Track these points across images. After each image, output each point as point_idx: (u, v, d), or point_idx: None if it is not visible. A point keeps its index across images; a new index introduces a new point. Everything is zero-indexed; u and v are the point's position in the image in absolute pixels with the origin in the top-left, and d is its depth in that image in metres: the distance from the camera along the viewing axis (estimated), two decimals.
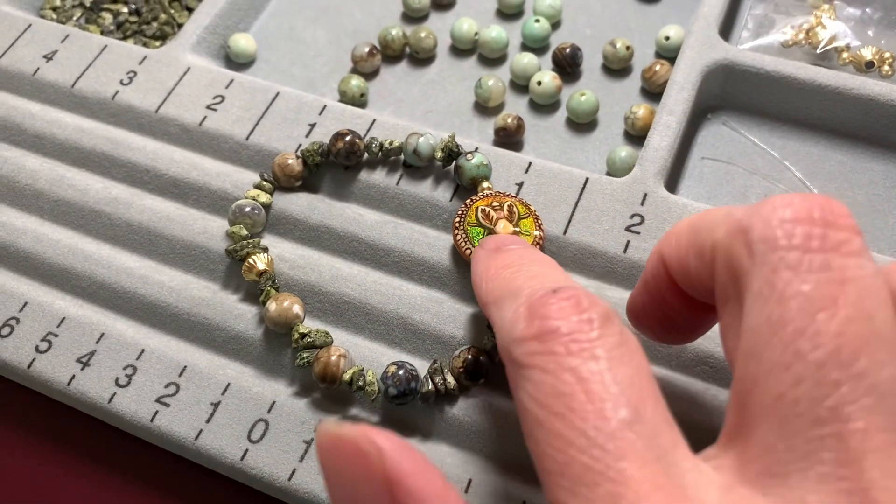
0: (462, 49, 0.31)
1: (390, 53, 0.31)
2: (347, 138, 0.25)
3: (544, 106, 0.29)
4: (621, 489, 0.13)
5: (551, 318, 0.16)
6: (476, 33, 0.31)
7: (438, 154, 0.25)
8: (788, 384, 0.13)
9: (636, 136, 0.28)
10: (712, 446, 0.15)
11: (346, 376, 0.21)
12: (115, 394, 0.23)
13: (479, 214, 0.23)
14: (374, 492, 0.14)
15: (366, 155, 0.26)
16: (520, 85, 0.30)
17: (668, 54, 0.30)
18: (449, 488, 0.14)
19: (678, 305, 0.19)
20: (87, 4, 0.33)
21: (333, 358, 0.22)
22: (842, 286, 0.14)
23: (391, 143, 0.25)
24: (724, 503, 0.13)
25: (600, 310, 0.16)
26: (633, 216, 0.24)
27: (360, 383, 0.21)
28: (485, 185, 0.24)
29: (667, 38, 0.30)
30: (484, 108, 0.29)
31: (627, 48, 0.29)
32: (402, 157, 0.26)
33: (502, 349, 0.17)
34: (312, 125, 0.27)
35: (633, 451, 0.14)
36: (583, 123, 0.29)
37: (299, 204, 0.25)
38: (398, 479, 0.13)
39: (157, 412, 0.22)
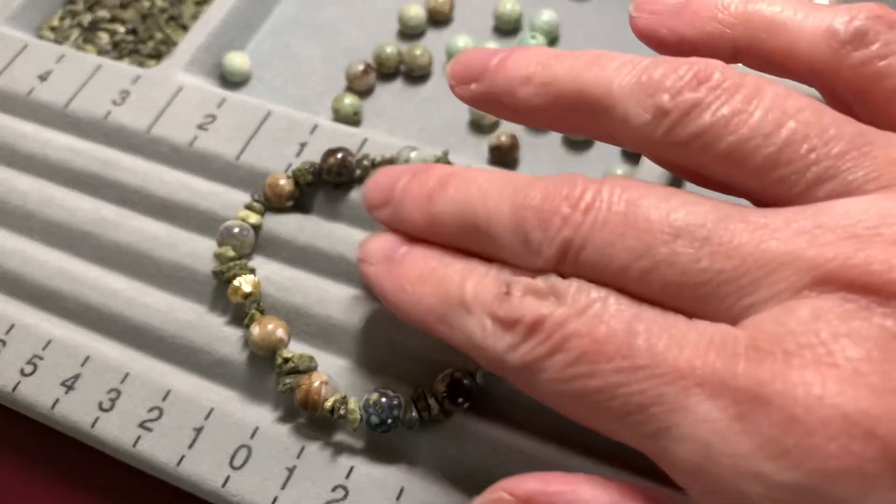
0: None
1: (385, 71, 0.31)
2: (339, 155, 0.25)
3: None
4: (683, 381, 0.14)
5: (524, 314, 0.16)
6: None
7: None
8: None
9: (633, 153, 0.28)
10: None
11: (328, 404, 0.21)
12: (98, 418, 0.23)
13: None
14: None
15: (357, 171, 0.25)
16: None
17: None
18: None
19: None
20: (85, 24, 0.33)
21: (315, 385, 0.21)
22: None
23: (383, 157, 0.25)
24: None
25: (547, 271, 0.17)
26: None
27: (342, 412, 0.21)
28: None
29: None
30: (479, 126, 0.29)
31: None
32: None
33: (493, 364, 0.17)
34: (303, 144, 0.26)
35: (656, 347, 0.15)
36: (579, 141, 0.28)
37: (288, 225, 0.25)
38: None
39: (139, 437, 0.22)
